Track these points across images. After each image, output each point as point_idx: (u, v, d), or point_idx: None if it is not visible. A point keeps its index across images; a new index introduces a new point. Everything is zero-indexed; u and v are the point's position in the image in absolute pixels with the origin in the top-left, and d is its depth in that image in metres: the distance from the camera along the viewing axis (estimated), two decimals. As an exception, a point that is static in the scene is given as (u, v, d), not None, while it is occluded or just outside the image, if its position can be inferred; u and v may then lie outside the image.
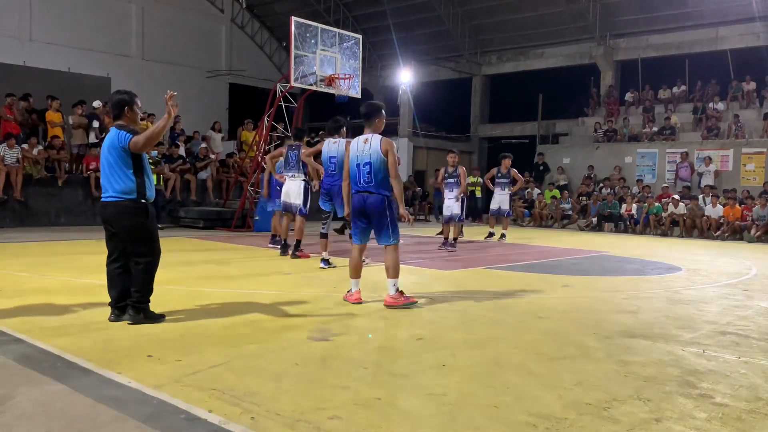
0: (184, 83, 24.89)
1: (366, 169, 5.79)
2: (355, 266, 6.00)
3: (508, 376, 3.79)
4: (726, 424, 3.13)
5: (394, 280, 5.81)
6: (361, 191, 5.85)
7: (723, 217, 16.84)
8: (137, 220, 4.87)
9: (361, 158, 5.82)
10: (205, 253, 10.02)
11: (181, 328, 4.76)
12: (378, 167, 5.77)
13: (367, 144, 5.85)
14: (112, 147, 4.83)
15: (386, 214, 5.82)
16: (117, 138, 4.81)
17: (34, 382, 3.47)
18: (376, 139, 5.87)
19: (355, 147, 5.94)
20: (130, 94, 5.06)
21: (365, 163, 5.79)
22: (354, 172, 5.89)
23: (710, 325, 5.48)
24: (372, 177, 5.78)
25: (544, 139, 24.52)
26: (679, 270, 9.44)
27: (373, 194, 5.80)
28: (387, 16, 25.62)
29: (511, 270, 8.91)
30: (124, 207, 4.83)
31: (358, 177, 5.85)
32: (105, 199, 4.91)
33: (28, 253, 9.40)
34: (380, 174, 5.79)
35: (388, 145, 5.85)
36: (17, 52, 19.93)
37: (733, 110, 20.44)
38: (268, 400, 3.26)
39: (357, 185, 5.88)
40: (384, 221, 5.83)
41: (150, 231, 4.95)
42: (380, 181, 5.79)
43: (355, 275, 5.99)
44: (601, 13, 22.71)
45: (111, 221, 4.89)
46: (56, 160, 14.29)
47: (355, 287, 5.98)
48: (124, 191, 4.82)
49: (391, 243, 5.87)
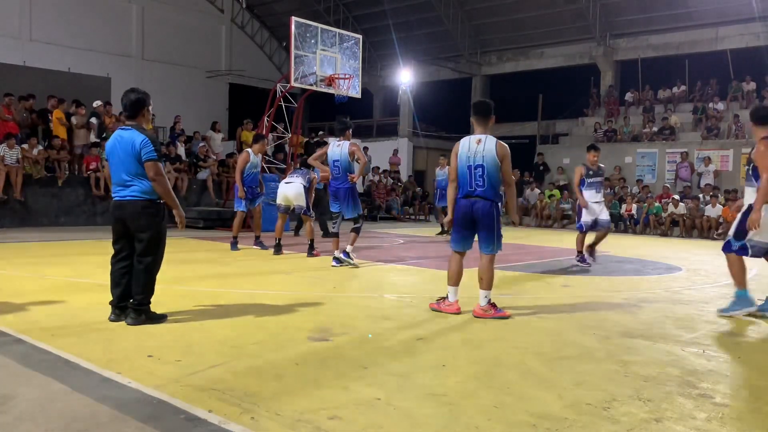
0: (184, 83, 24.96)
1: (479, 172, 5.37)
2: (454, 273, 5.59)
3: (508, 376, 3.79)
4: (726, 424, 3.13)
5: (487, 292, 5.48)
6: (471, 196, 5.43)
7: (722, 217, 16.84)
8: (155, 220, 4.87)
9: (474, 160, 5.37)
10: (205, 253, 10.02)
11: (181, 328, 4.76)
12: (492, 171, 5.36)
13: (481, 145, 5.40)
14: (132, 151, 4.78)
15: (495, 221, 5.44)
16: (141, 146, 4.76)
17: (34, 382, 3.47)
18: (491, 141, 5.43)
19: (466, 147, 5.47)
20: (146, 94, 5.02)
21: (478, 166, 5.36)
22: (464, 174, 5.43)
23: (710, 325, 5.48)
24: (485, 181, 5.36)
25: (544, 139, 24.53)
26: (679, 270, 9.44)
27: (484, 200, 5.39)
28: (387, 16, 25.63)
29: (511, 270, 8.91)
30: (144, 207, 4.82)
31: (470, 180, 5.41)
32: (121, 197, 4.86)
33: (28, 253, 9.40)
34: (494, 179, 5.38)
35: (505, 149, 5.44)
36: (17, 52, 19.95)
37: (733, 110, 20.45)
38: (268, 400, 3.26)
39: (467, 188, 5.43)
40: (492, 229, 5.44)
41: (162, 232, 4.96)
42: (493, 186, 5.40)
43: (453, 282, 5.59)
44: (601, 13, 22.72)
45: (128, 220, 4.85)
46: (56, 160, 14.29)
47: (453, 296, 5.59)
48: (144, 191, 4.81)
49: (493, 252, 5.52)
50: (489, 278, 5.48)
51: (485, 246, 5.51)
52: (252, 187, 10.25)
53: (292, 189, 9.55)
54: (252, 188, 10.25)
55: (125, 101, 4.96)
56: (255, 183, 10.32)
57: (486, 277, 5.47)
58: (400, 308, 5.83)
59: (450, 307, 5.56)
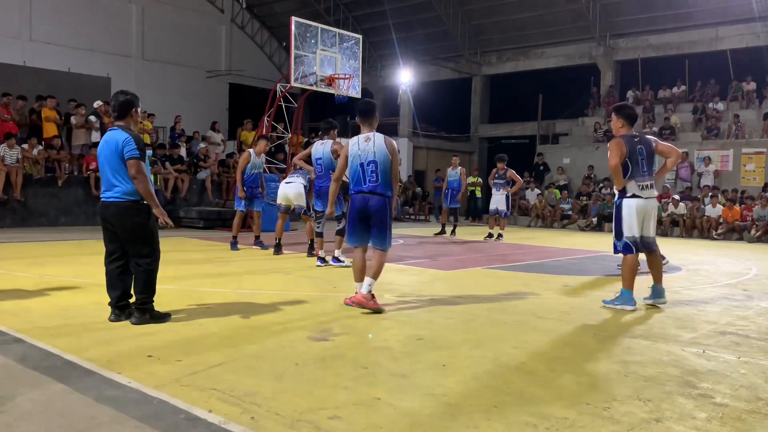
0: (184, 83, 24.96)
1: (371, 168, 5.52)
2: (359, 269, 5.73)
3: (508, 376, 3.79)
4: (726, 424, 3.13)
5: (372, 281, 5.58)
6: (365, 192, 5.58)
7: (722, 217, 16.86)
8: (139, 220, 4.87)
9: (365, 157, 5.54)
10: (204, 253, 10.02)
11: (181, 328, 4.76)
12: (384, 167, 5.54)
13: (370, 142, 5.58)
14: (116, 150, 4.80)
15: (387, 217, 5.61)
16: (123, 144, 4.78)
17: (34, 382, 3.47)
18: (379, 138, 5.62)
19: (356, 146, 5.63)
20: (134, 95, 5.06)
21: (370, 162, 5.53)
22: (357, 171, 5.58)
23: (710, 325, 5.48)
24: (378, 177, 5.52)
25: (544, 139, 24.53)
26: (679, 270, 9.44)
27: (377, 195, 5.55)
28: (387, 16, 25.63)
29: (511, 270, 8.91)
30: (126, 207, 4.83)
31: (363, 177, 5.56)
32: (106, 198, 4.89)
33: (28, 253, 9.39)
34: (387, 174, 5.56)
35: (394, 145, 5.65)
36: (17, 52, 19.95)
37: (733, 110, 20.46)
38: (268, 400, 3.25)
39: (361, 185, 5.59)
40: (384, 225, 5.60)
41: (151, 231, 4.95)
42: (386, 181, 5.56)
43: (360, 278, 5.70)
44: (601, 13, 22.72)
45: (112, 221, 4.88)
46: (56, 160, 14.29)
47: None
48: (126, 192, 4.82)
49: (386, 248, 5.67)
50: (379, 270, 5.66)
51: (378, 241, 5.66)
52: (252, 188, 10.26)
53: (293, 189, 9.56)
54: (252, 188, 10.26)
55: (114, 102, 5.00)
56: (256, 183, 10.33)
57: (377, 268, 5.63)
58: (400, 308, 5.83)
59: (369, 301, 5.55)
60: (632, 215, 5.93)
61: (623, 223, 5.98)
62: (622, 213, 5.98)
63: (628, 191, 5.95)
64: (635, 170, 5.91)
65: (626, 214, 5.95)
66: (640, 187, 5.93)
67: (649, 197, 5.99)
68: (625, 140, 5.94)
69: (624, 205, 5.98)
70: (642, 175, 5.94)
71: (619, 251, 6.08)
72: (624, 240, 5.99)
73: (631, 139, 6.00)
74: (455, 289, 7.13)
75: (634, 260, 6.04)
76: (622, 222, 5.99)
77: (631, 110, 6.26)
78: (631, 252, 5.98)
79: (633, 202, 5.94)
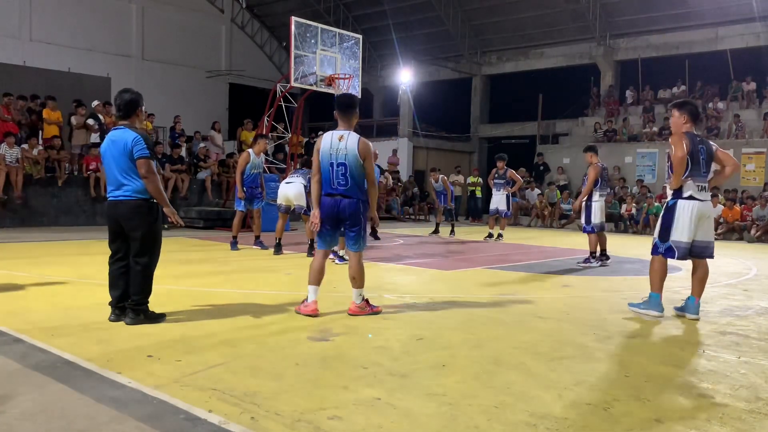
0: (184, 83, 24.97)
1: (341, 170, 5.23)
2: (316, 270, 5.40)
3: (508, 376, 3.79)
4: (726, 424, 3.13)
5: (360, 290, 5.43)
6: (335, 194, 5.31)
7: (722, 217, 16.85)
8: (149, 219, 4.87)
9: (336, 157, 5.23)
10: (204, 253, 10.02)
11: (181, 328, 4.76)
12: (355, 170, 5.23)
13: (343, 142, 5.25)
14: (124, 150, 4.79)
15: (360, 219, 5.36)
16: (133, 144, 4.77)
17: (34, 382, 3.47)
18: (353, 139, 5.26)
19: (328, 144, 5.28)
20: (139, 94, 5.03)
21: (340, 164, 5.23)
22: (326, 171, 5.29)
23: (710, 325, 5.48)
24: (348, 180, 5.24)
25: (544, 139, 24.53)
26: (679, 270, 9.43)
27: (348, 198, 5.29)
28: (387, 16, 25.64)
29: (511, 270, 8.91)
30: (137, 206, 4.82)
31: (332, 178, 5.27)
32: (114, 197, 4.86)
33: (28, 253, 9.39)
34: (357, 177, 5.26)
35: (368, 148, 5.28)
36: (17, 52, 19.96)
37: (733, 110, 20.45)
38: (268, 400, 3.25)
39: (330, 187, 5.30)
40: (357, 227, 5.37)
41: (157, 232, 4.96)
42: (357, 184, 5.27)
43: (314, 281, 5.39)
44: (601, 13, 22.72)
45: (121, 219, 4.85)
46: (56, 160, 14.30)
47: (313, 295, 5.39)
48: (137, 190, 4.82)
49: (359, 250, 5.46)
50: (361, 276, 5.43)
51: (352, 244, 5.44)
52: (252, 188, 10.26)
53: (293, 189, 9.56)
54: (252, 189, 10.26)
55: (119, 101, 4.97)
56: (255, 184, 10.32)
57: (358, 275, 5.41)
58: (400, 308, 5.83)
59: (306, 308, 5.34)
60: (687, 218, 5.53)
61: (674, 225, 5.57)
62: (675, 214, 5.58)
63: (684, 192, 5.57)
64: (695, 170, 5.55)
65: (680, 217, 5.55)
66: (698, 188, 5.57)
67: (706, 200, 5.68)
68: (689, 137, 5.59)
69: (679, 206, 5.57)
70: (701, 176, 5.61)
71: (660, 252, 5.69)
72: (669, 243, 5.60)
73: (694, 137, 5.65)
74: (455, 289, 7.14)
75: (664, 264, 5.75)
76: (672, 223, 5.58)
77: (694, 107, 5.89)
78: (673, 256, 5.62)
79: (690, 204, 5.55)
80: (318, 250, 5.54)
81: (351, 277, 5.44)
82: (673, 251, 5.60)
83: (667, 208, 5.71)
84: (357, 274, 5.42)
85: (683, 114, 5.71)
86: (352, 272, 5.44)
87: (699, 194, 5.58)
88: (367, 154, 5.27)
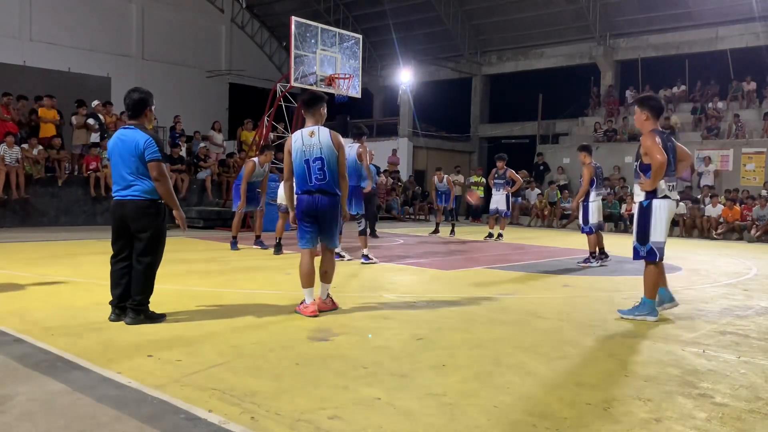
0: (184, 83, 24.97)
1: (317, 165, 5.19)
2: (308, 273, 5.33)
3: (508, 376, 3.78)
4: (726, 424, 3.13)
5: (329, 285, 5.48)
6: (313, 191, 5.25)
7: (723, 217, 16.87)
8: (156, 220, 4.87)
9: (311, 153, 5.19)
10: (204, 253, 10.02)
11: (181, 328, 4.76)
12: (331, 163, 5.21)
13: (315, 137, 5.20)
14: (135, 151, 4.77)
15: (337, 216, 5.38)
16: (145, 146, 4.76)
17: (35, 382, 3.47)
18: (324, 132, 5.24)
19: (300, 142, 5.23)
20: (149, 93, 4.99)
21: (316, 159, 5.18)
22: (302, 169, 5.23)
23: (710, 325, 5.48)
24: (326, 174, 5.20)
25: (544, 139, 24.54)
26: (679, 270, 9.43)
27: (326, 194, 5.26)
28: (387, 16, 25.65)
29: (511, 270, 8.91)
30: (146, 206, 4.81)
31: (309, 175, 5.21)
32: (122, 197, 4.83)
33: (28, 253, 9.39)
34: (334, 171, 5.25)
35: (340, 139, 5.29)
36: (17, 52, 19.96)
37: (733, 110, 20.46)
38: (268, 400, 3.25)
39: (307, 184, 5.24)
40: (334, 224, 5.38)
41: (163, 232, 4.95)
42: (334, 179, 5.26)
43: (308, 284, 5.33)
44: (601, 13, 22.73)
45: (128, 219, 4.82)
46: (56, 160, 14.29)
47: (310, 297, 5.33)
48: (146, 191, 4.81)
49: (336, 246, 5.55)
50: (333, 272, 5.52)
51: (329, 240, 5.44)
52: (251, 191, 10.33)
53: None
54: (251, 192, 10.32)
55: (128, 101, 4.92)
56: (255, 186, 10.39)
57: (331, 270, 5.47)
58: (400, 308, 5.83)
59: (306, 309, 5.29)
60: (665, 218, 5.41)
61: (652, 226, 5.40)
62: (652, 215, 5.40)
63: (659, 192, 5.38)
64: (667, 169, 5.34)
65: (658, 217, 5.39)
66: (669, 188, 5.43)
67: (677, 198, 5.57)
68: (659, 136, 5.40)
69: (655, 206, 5.39)
70: (671, 174, 5.45)
71: (642, 257, 5.52)
72: (650, 245, 5.43)
73: (662, 135, 5.48)
74: (455, 289, 7.14)
75: (658, 269, 5.54)
76: (650, 225, 5.41)
77: (656, 102, 5.62)
78: (655, 259, 5.45)
79: (665, 203, 5.40)
80: (303, 250, 5.44)
81: (323, 271, 5.45)
82: (655, 253, 5.45)
83: (642, 210, 5.49)
84: (330, 268, 5.49)
85: (644, 111, 5.50)
86: (325, 266, 5.46)
87: (671, 193, 5.45)
88: (340, 145, 5.32)
